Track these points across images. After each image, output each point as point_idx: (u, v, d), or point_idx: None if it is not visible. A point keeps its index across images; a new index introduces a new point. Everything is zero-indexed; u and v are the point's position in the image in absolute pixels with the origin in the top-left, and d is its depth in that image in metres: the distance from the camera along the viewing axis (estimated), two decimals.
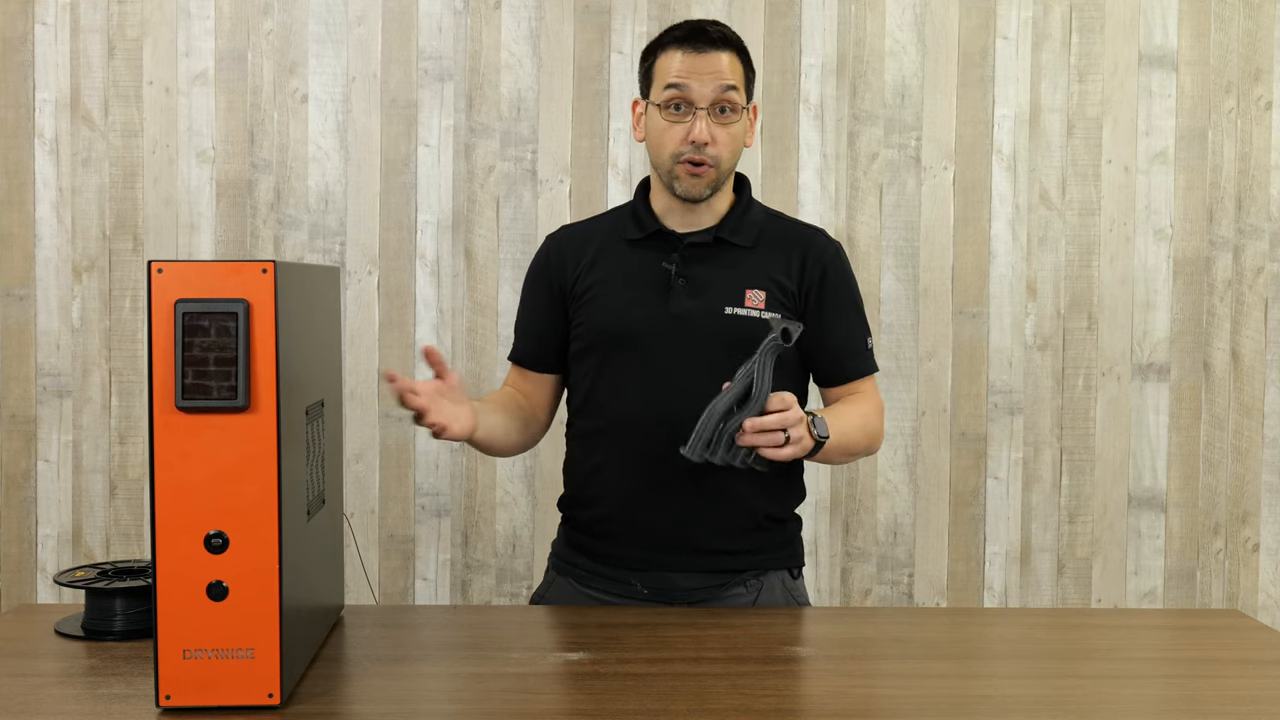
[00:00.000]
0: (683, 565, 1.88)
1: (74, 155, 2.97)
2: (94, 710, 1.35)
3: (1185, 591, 3.05)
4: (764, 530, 1.92)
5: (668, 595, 1.89)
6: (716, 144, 1.84)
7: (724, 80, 1.83)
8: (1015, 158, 3.00)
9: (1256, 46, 2.99)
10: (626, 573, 1.90)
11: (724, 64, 1.84)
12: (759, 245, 1.92)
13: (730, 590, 1.90)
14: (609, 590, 1.91)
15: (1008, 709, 1.41)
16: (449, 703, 1.43)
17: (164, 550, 1.31)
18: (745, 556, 1.91)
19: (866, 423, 1.90)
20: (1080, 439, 3.03)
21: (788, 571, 1.95)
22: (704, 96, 1.83)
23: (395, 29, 2.97)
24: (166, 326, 1.29)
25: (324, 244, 2.98)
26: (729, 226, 1.92)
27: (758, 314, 1.86)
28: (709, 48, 1.84)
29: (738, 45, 1.88)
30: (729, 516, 1.88)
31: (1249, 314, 3.01)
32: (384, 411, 3.00)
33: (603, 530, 1.91)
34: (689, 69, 1.83)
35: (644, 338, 1.87)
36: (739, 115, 1.86)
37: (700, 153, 1.83)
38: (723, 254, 1.90)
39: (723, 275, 1.88)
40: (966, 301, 3.01)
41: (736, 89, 1.85)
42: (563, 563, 1.99)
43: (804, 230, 1.99)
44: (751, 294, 1.87)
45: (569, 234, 2.03)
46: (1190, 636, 1.78)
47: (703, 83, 1.83)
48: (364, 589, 2.77)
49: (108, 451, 2.99)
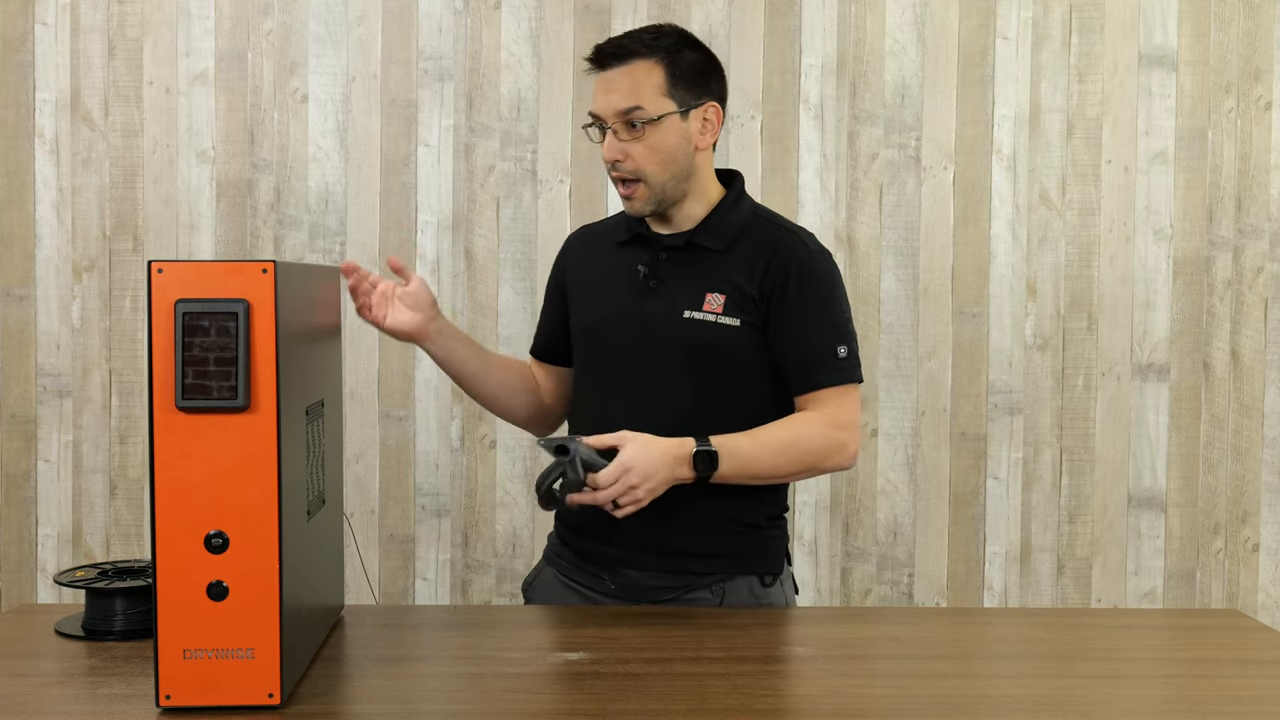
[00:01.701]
0: (648, 565, 1.89)
1: (74, 155, 2.97)
2: (94, 710, 1.35)
3: (1185, 591, 3.05)
4: (732, 534, 1.89)
5: (633, 594, 1.89)
6: (631, 158, 1.83)
7: (621, 94, 1.81)
8: (1015, 158, 3.00)
9: (1256, 46, 2.99)
10: (597, 569, 1.92)
11: (626, 77, 1.82)
12: (733, 248, 1.88)
13: (693, 593, 1.88)
14: (583, 584, 1.94)
15: (1008, 709, 1.41)
16: (449, 703, 1.43)
17: (164, 550, 1.31)
18: (709, 560, 1.89)
19: (800, 442, 1.82)
20: (1080, 439, 3.03)
21: (757, 578, 1.91)
22: (608, 114, 1.83)
23: (395, 29, 2.97)
24: (166, 326, 1.29)
25: (324, 244, 2.98)
26: (704, 229, 1.90)
27: (714, 318, 1.84)
28: (611, 63, 1.83)
29: (651, 50, 1.83)
30: (694, 519, 1.86)
31: (1249, 314, 3.01)
32: (384, 411, 3.00)
33: (579, 525, 1.94)
34: (597, 89, 1.85)
35: (611, 338, 1.91)
36: (656, 125, 1.82)
37: (617, 169, 1.84)
38: (694, 257, 1.89)
39: (689, 278, 1.87)
40: (966, 301, 3.01)
41: (640, 105, 1.81)
42: (551, 553, 2.03)
43: (780, 233, 1.90)
44: (711, 297, 1.85)
45: (582, 234, 2.09)
46: (1190, 636, 1.78)
47: (605, 101, 1.83)
48: (364, 589, 2.77)
49: (108, 451, 2.99)
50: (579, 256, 2.03)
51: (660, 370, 1.86)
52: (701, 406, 1.85)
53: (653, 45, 1.83)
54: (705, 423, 1.80)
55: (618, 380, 1.90)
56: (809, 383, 1.85)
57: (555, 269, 2.08)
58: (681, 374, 1.86)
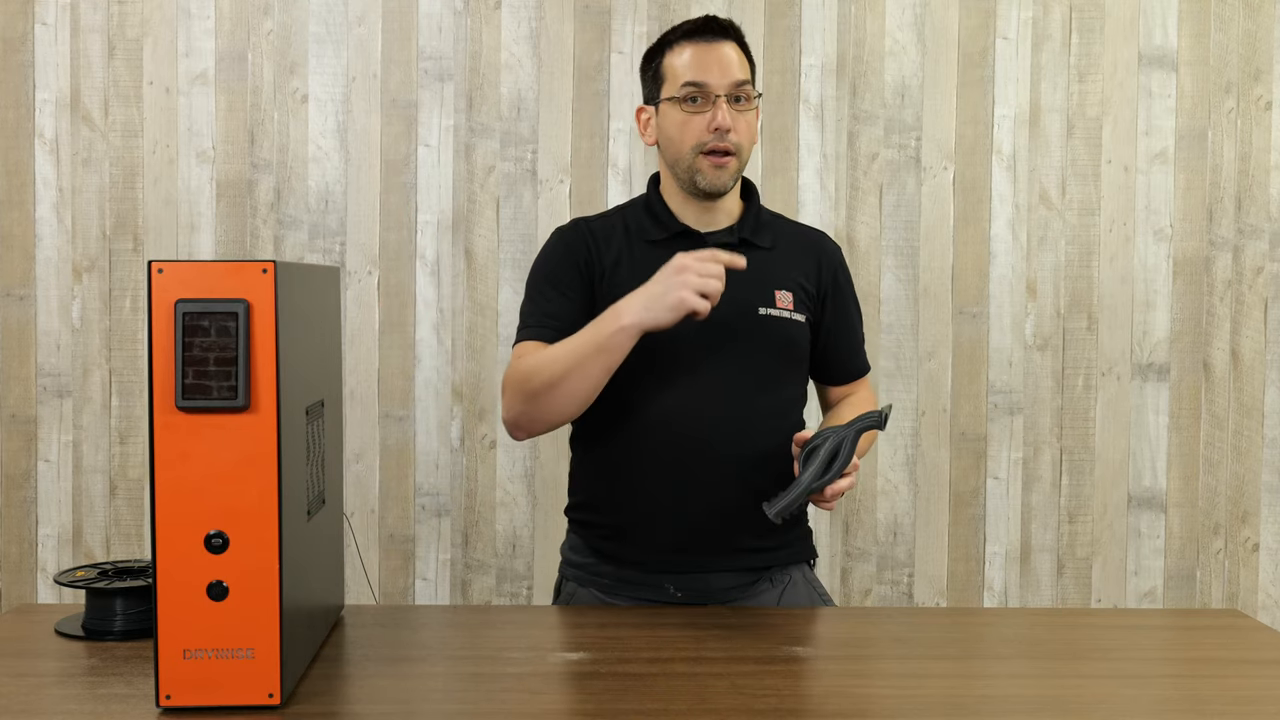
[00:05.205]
0: (720, 565, 1.88)
1: (74, 155, 2.97)
2: (94, 710, 1.35)
3: (1185, 591, 3.05)
4: (788, 525, 1.91)
5: (703, 596, 1.87)
6: (737, 131, 1.84)
7: (737, 68, 1.85)
8: (1015, 158, 3.00)
9: (1256, 46, 2.99)
10: (660, 576, 1.87)
11: (735, 54, 1.86)
12: (777, 246, 1.93)
13: (759, 587, 1.91)
14: (637, 596, 1.88)
15: (1008, 709, 1.41)
16: (449, 703, 1.43)
17: (164, 550, 1.31)
18: (774, 553, 1.92)
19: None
20: (1080, 439, 3.03)
21: (806, 564, 1.99)
22: (720, 85, 1.84)
23: (395, 29, 2.97)
24: (166, 326, 1.29)
25: (324, 244, 2.98)
26: (749, 227, 1.92)
27: (789, 314, 1.88)
28: (719, 38, 1.86)
29: (743, 38, 1.91)
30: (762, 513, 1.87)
31: (1249, 314, 3.01)
32: (384, 411, 3.00)
33: (632, 534, 1.87)
34: (702, 60, 1.84)
35: (677, 339, 1.79)
36: (752, 105, 1.87)
37: (724, 140, 1.82)
38: (746, 254, 1.85)
39: (750, 276, 1.83)
40: (966, 301, 3.01)
41: (749, 80, 1.87)
42: (584, 574, 1.93)
43: (813, 233, 2.03)
44: (781, 294, 1.89)
45: (590, 227, 1.94)
46: (1190, 636, 1.78)
47: (718, 73, 1.84)
48: (364, 589, 2.77)
49: (108, 451, 2.99)
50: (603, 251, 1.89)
51: (735, 368, 1.84)
52: (777, 401, 1.87)
53: (739, 32, 1.90)
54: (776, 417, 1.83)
55: (687, 381, 1.83)
56: (852, 372, 2.02)
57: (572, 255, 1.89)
58: (761, 371, 1.86)
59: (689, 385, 1.83)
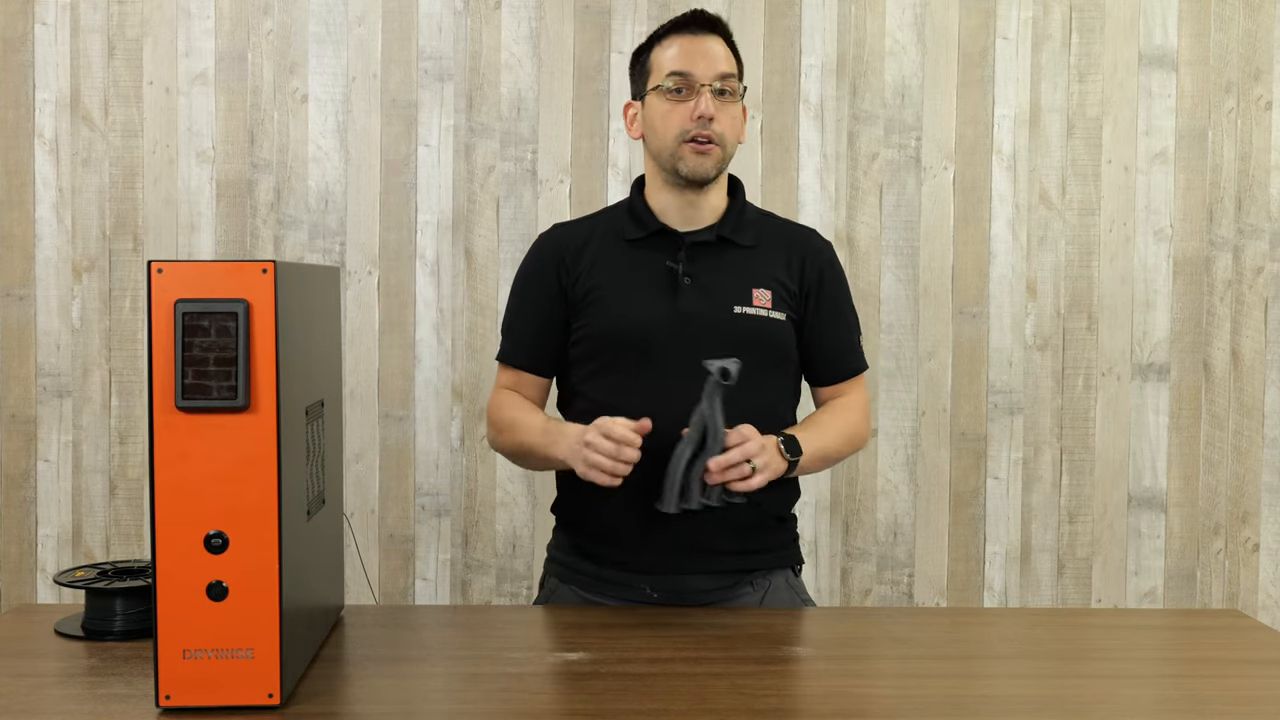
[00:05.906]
0: (696, 567, 1.87)
1: (74, 155, 2.97)
2: (94, 710, 1.35)
3: (1185, 591, 3.05)
4: (771, 530, 1.93)
5: (679, 598, 1.87)
6: (720, 122, 1.84)
7: (723, 61, 1.86)
8: (1015, 158, 3.00)
9: (1256, 46, 2.99)
10: (637, 577, 1.88)
11: (721, 48, 1.88)
12: (759, 244, 1.92)
13: (739, 590, 1.90)
14: (616, 596, 1.89)
15: (1008, 709, 1.41)
16: (449, 703, 1.43)
17: (164, 550, 1.31)
18: (755, 556, 1.91)
19: (849, 429, 1.94)
20: (1080, 439, 3.03)
21: (790, 570, 1.96)
22: (705, 76, 1.85)
23: (395, 29, 2.97)
24: (166, 326, 1.29)
25: (324, 244, 2.98)
26: (729, 225, 1.91)
27: (766, 313, 1.87)
28: (705, 32, 1.88)
29: (730, 34, 1.92)
30: (742, 517, 1.86)
31: (1249, 314, 3.01)
32: (384, 411, 3.00)
33: (613, 535, 1.88)
34: (688, 52, 1.85)
35: (653, 338, 1.84)
36: (736, 100, 1.88)
37: (706, 128, 1.83)
38: (726, 253, 1.90)
39: (729, 274, 1.88)
40: (966, 301, 3.01)
41: (734, 74, 1.88)
42: (566, 570, 1.95)
43: (799, 230, 2.00)
44: (759, 293, 1.88)
45: (566, 232, 1.97)
46: (1190, 636, 1.78)
47: (703, 64, 1.85)
48: (364, 589, 2.77)
49: (108, 451, 2.99)
50: (578, 256, 1.91)
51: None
52: (756, 401, 1.84)
53: (727, 31, 1.91)
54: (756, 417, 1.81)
55: (663, 382, 1.83)
56: (840, 372, 1.98)
57: (540, 270, 1.94)
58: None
59: (665, 388, 1.82)
